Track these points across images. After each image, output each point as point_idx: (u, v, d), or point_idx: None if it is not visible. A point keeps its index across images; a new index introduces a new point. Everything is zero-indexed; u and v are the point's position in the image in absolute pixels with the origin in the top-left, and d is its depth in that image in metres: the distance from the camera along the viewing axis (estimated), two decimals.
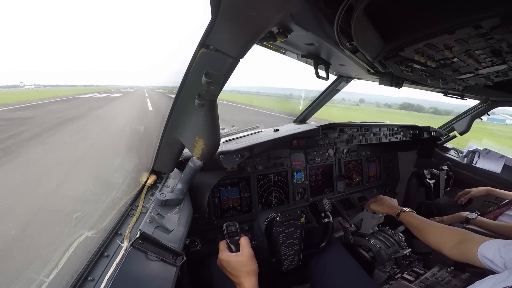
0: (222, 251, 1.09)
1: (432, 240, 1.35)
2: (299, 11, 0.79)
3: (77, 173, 1.15)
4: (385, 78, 1.60)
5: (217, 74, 0.72)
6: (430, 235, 1.36)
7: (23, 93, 3.64)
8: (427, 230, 1.39)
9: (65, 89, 7.52)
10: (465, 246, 1.17)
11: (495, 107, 2.77)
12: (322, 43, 1.08)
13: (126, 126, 1.97)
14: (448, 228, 1.34)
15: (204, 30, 0.70)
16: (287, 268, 1.30)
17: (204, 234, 1.59)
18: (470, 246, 1.13)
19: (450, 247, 1.23)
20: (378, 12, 0.86)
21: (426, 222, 1.45)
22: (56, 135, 1.66)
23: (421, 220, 1.48)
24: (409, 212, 1.56)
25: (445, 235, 1.30)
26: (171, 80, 0.98)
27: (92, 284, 0.73)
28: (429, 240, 1.36)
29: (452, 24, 0.81)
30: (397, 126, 2.54)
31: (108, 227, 0.89)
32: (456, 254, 1.21)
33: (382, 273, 1.56)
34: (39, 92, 4.53)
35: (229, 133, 1.99)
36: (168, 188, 1.16)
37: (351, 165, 2.51)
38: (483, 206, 2.42)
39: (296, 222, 1.31)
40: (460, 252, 1.18)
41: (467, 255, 1.14)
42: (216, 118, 0.88)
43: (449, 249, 1.24)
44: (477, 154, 2.85)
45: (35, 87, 4.91)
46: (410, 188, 2.53)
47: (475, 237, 1.19)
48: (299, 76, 2.34)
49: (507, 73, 1.33)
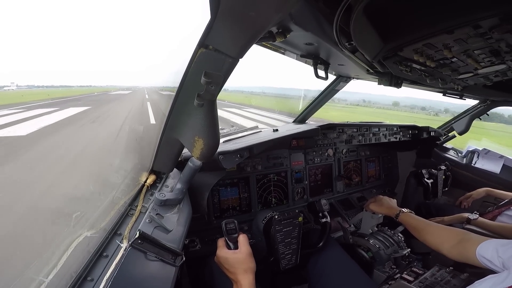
0: (220, 248, 1.09)
1: (431, 240, 1.35)
2: (298, 11, 0.79)
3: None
4: (384, 78, 1.60)
5: (216, 74, 0.72)
6: (429, 236, 1.37)
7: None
8: (426, 231, 1.39)
9: (60, 90, 7.60)
10: (463, 246, 1.17)
11: (494, 107, 2.78)
12: (321, 43, 1.08)
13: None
14: (446, 229, 1.35)
15: (203, 30, 0.70)
16: (284, 267, 1.30)
17: (203, 234, 1.59)
18: (469, 246, 1.14)
19: (449, 247, 1.24)
20: (377, 12, 0.86)
21: (424, 222, 1.45)
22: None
23: (420, 220, 1.48)
24: (407, 213, 1.56)
25: (443, 235, 1.31)
26: (171, 80, 0.98)
27: (91, 284, 0.73)
28: (428, 241, 1.36)
29: (451, 24, 0.81)
30: (396, 126, 2.54)
31: (107, 227, 0.89)
32: (455, 254, 1.21)
33: (381, 273, 1.56)
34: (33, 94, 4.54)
35: (229, 133, 1.99)
36: (167, 188, 1.16)
37: (350, 165, 2.52)
38: (482, 206, 2.42)
39: (294, 221, 1.31)
40: (459, 252, 1.19)
41: (466, 255, 1.14)
42: (215, 118, 0.88)
43: (448, 249, 1.25)
44: (476, 154, 2.85)
45: (28, 87, 4.92)
46: (409, 188, 2.53)
47: (473, 237, 1.20)
48: (299, 76, 2.34)
49: (506, 72, 1.34)
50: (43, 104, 9.09)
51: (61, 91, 9.65)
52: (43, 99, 3.74)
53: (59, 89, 12.02)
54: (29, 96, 4.70)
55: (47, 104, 9.68)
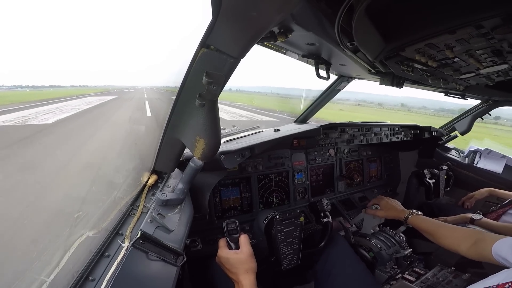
0: (222, 249, 1.09)
1: (447, 243, 1.34)
2: (300, 11, 0.79)
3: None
4: (386, 78, 1.59)
5: (217, 74, 0.72)
6: (443, 238, 1.36)
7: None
8: (440, 233, 1.38)
9: (50, 90, 7.49)
10: (480, 246, 1.18)
11: (496, 107, 2.77)
12: (323, 43, 1.08)
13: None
14: (460, 229, 1.34)
15: (205, 30, 0.70)
16: (286, 267, 1.30)
17: (205, 234, 1.59)
18: (485, 245, 1.14)
19: (466, 249, 1.24)
20: (379, 12, 0.86)
21: (436, 224, 1.44)
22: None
23: (431, 222, 1.47)
24: (417, 216, 1.55)
25: (459, 237, 1.30)
26: (172, 80, 0.98)
27: (93, 284, 0.73)
28: (443, 243, 1.36)
29: (453, 24, 0.81)
30: (398, 126, 2.53)
31: (109, 227, 0.89)
32: (473, 254, 1.21)
33: (383, 273, 1.56)
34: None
35: (230, 133, 1.99)
36: (169, 188, 1.16)
37: (352, 165, 2.51)
38: (484, 206, 2.41)
39: (295, 221, 1.31)
40: (477, 253, 1.19)
41: (483, 254, 1.15)
42: (217, 118, 0.88)
43: (465, 251, 1.24)
44: (478, 154, 2.84)
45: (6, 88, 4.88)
46: (410, 187, 2.52)
47: (487, 236, 1.20)
48: (301, 76, 2.33)
49: (508, 72, 1.33)
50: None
51: (52, 91, 9.51)
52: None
53: (50, 90, 12.08)
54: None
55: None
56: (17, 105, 10.19)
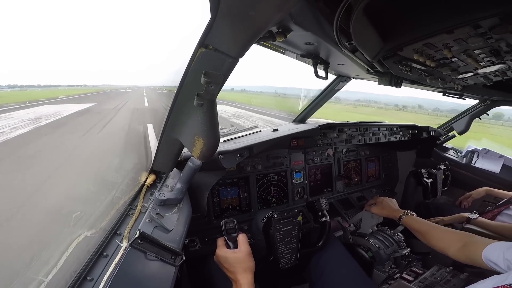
0: (220, 248, 1.09)
1: (436, 244, 1.35)
2: (299, 11, 0.79)
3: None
4: (384, 77, 1.60)
5: (216, 73, 0.72)
6: (434, 239, 1.37)
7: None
8: (430, 235, 1.39)
9: (45, 90, 7.06)
10: (469, 249, 1.18)
11: (494, 107, 2.78)
12: (321, 42, 1.08)
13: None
14: (450, 232, 1.35)
15: (203, 29, 0.70)
16: (284, 266, 1.30)
17: (203, 233, 1.59)
18: (474, 249, 1.14)
19: (455, 251, 1.24)
20: (378, 11, 0.86)
21: (428, 225, 1.45)
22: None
23: (423, 223, 1.48)
24: (410, 216, 1.56)
25: (448, 239, 1.31)
26: (170, 79, 0.98)
27: (91, 283, 0.73)
28: (433, 244, 1.36)
29: (451, 23, 0.81)
30: (396, 126, 2.54)
31: (107, 227, 0.89)
32: (461, 257, 1.22)
33: (381, 273, 1.56)
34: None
35: (228, 133, 1.99)
36: (167, 188, 1.16)
37: (350, 165, 2.52)
38: (481, 206, 2.42)
39: (293, 220, 1.31)
40: (465, 255, 1.20)
41: (472, 257, 1.15)
42: (215, 117, 0.88)
43: (453, 253, 1.25)
44: (476, 154, 2.85)
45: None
46: (408, 187, 2.53)
47: (477, 239, 1.20)
48: (300, 76, 2.33)
49: (506, 72, 1.34)
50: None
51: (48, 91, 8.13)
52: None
53: (45, 90, 10.36)
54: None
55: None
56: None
